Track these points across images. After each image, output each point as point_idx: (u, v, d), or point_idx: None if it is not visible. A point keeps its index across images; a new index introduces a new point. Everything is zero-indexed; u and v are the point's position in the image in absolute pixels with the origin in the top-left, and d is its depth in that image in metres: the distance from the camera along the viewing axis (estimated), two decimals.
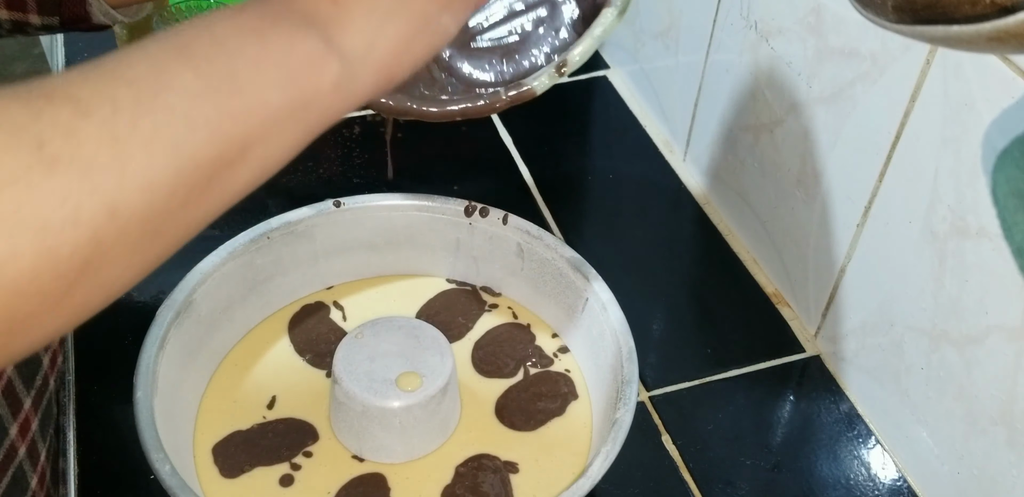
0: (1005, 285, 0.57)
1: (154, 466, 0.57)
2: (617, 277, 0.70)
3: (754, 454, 0.72)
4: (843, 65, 0.67)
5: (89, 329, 0.81)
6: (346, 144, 0.94)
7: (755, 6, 0.75)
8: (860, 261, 0.71)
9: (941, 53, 0.58)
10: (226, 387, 0.70)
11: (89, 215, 0.31)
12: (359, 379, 0.64)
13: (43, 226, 0.30)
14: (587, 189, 0.93)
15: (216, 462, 0.66)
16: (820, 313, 0.78)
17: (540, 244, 0.72)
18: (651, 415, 0.74)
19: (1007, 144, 0.53)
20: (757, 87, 0.78)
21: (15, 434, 0.61)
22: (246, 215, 0.87)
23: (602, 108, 1.02)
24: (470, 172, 0.94)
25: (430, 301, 0.77)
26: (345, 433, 0.67)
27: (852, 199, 0.70)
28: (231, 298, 0.71)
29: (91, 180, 0.31)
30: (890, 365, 0.69)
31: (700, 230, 0.89)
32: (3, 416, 0.60)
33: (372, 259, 0.77)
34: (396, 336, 0.67)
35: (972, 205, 0.58)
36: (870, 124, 0.66)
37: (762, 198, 0.82)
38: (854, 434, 0.73)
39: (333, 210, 0.72)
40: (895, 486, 0.70)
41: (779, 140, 0.77)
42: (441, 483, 0.65)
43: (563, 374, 0.72)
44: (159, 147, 0.33)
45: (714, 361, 0.78)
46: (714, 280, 0.85)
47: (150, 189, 0.33)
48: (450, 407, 0.67)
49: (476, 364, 0.73)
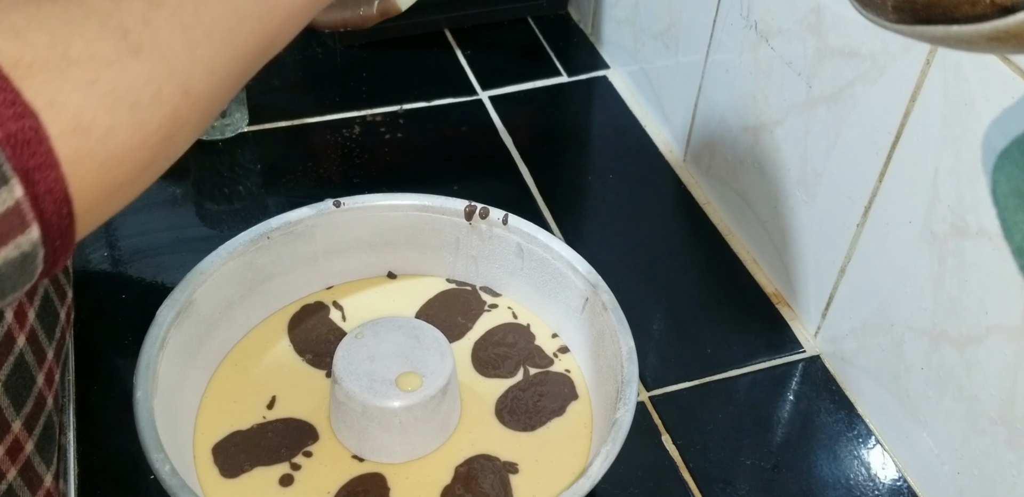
0: (1005, 285, 0.57)
1: (154, 466, 0.57)
2: (617, 277, 0.70)
3: (754, 454, 0.72)
4: (843, 65, 0.67)
5: (89, 329, 0.81)
6: (346, 144, 0.94)
7: (755, 6, 0.75)
8: (860, 261, 0.71)
9: (941, 53, 0.58)
10: (226, 387, 0.70)
11: (168, 94, 0.36)
12: (359, 379, 0.64)
13: (135, 103, 0.35)
14: (587, 189, 0.93)
15: (216, 462, 0.66)
16: (820, 313, 0.78)
17: (540, 244, 0.72)
18: (651, 415, 0.74)
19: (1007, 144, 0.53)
20: (757, 87, 0.78)
21: (42, 383, 0.62)
22: (246, 215, 0.88)
23: (602, 108, 1.02)
24: (470, 172, 0.94)
25: (430, 301, 0.77)
26: (345, 433, 0.67)
27: (852, 199, 0.70)
28: (231, 298, 0.71)
29: (168, 64, 0.36)
30: (890, 365, 0.69)
31: (700, 230, 0.89)
32: (30, 363, 0.61)
33: (372, 259, 0.77)
34: (396, 336, 0.67)
35: (972, 205, 0.58)
36: (870, 124, 0.66)
37: (762, 198, 0.82)
38: (854, 434, 0.73)
39: (333, 210, 0.72)
40: (895, 486, 0.70)
41: (779, 140, 0.77)
42: (441, 483, 0.65)
43: (563, 374, 0.72)
44: (217, 36, 0.38)
45: (714, 361, 0.78)
46: (714, 280, 0.85)
47: (213, 72, 0.38)
48: (450, 407, 0.67)
49: (476, 364, 0.73)
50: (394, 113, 0.98)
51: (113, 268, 0.82)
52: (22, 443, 0.59)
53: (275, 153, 0.93)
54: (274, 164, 0.92)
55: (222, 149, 0.93)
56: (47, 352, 0.64)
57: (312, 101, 0.99)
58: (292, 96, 1.00)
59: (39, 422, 0.61)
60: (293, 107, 0.98)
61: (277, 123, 0.96)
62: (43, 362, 0.63)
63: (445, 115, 0.99)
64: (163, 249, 0.83)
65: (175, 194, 0.89)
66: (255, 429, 0.68)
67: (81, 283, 0.80)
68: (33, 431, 0.61)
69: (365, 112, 0.98)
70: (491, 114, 0.99)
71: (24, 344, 0.61)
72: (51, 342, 0.65)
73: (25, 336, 0.61)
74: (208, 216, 0.87)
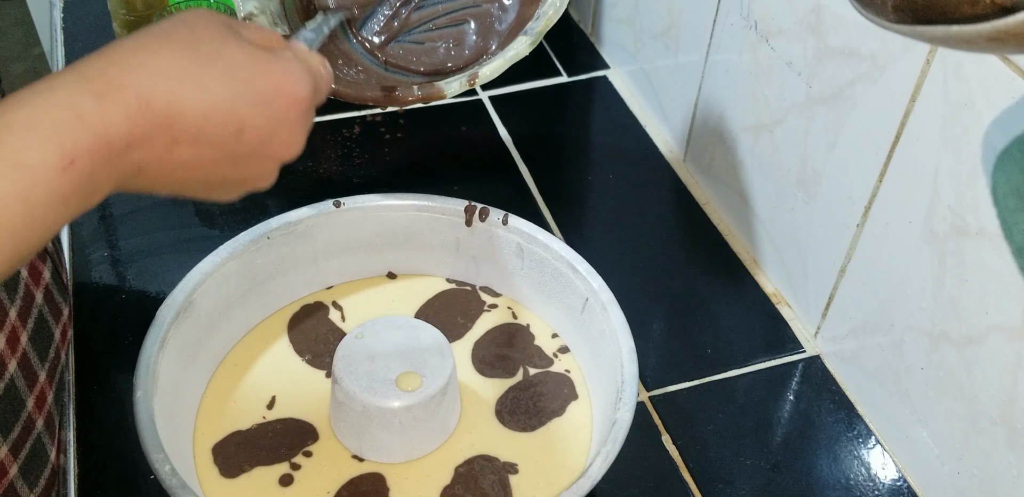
0: (1005, 285, 0.57)
1: (154, 466, 0.57)
2: (617, 277, 0.70)
3: (754, 454, 0.72)
4: (843, 65, 0.67)
5: (89, 329, 0.81)
6: (346, 144, 0.94)
7: (755, 6, 0.75)
8: (860, 261, 0.71)
9: (941, 53, 0.58)
10: (226, 387, 0.70)
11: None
12: (359, 379, 0.64)
13: None
14: (587, 189, 0.93)
15: (216, 462, 0.66)
16: (820, 313, 0.78)
17: (540, 244, 0.72)
18: (651, 415, 0.74)
19: (1007, 144, 0.53)
20: (757, 87, 0.78)
21: (32, 406, 0.62)
22: (246, 215, 0.88)
23: (602, 108, 1.02)
24: (470, 172, 0.94)
25: (430, 301, 0.77)
26: (345, 433, 0.67)
27: (852, 199, 0.70)
28: (231, 298, 0.71)
29: None
30: (890, 365, 0.69)
31: (700, 230, 0.89)
32: (20, 388, 0.60)
33: (372, 259, 0.77)
34: (396, 336, 0.67)
35: (972, 205, 0.58)
36: (870, 124, 0.66)
37: (762, 198, 0.82)
38: (854, 434, 0.73)
39: (333, 210, 0.72)
40: (895, 486, 0.70)
41: (779, 140, 0.77)
42: (440, 483, 0.65)
43: (563, 374, 0.72)
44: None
45: (714, 361, 0.78)
46: (714, 280, 0.85)
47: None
48: (450, 407, 0.67)
49: (476, 364, 0.73)
50: (394, 113, 0.98)
51: (113, 268, 0.82)
52: (7, 468, 0.60)
53: None
54: None
55: None
56: (39, 375, 0.64)
57: None
58: None
59: (25, 446, 0.61)
60: None
61: None
62: (34, 385, 0.63)
63: (445, 115, 0.99)
64: (163, 249, 0.83)
65: None
66: (255, 429, 0.68)
67: (81, 283, 0.80)
68: (19, 455, 0.61)
69: (365, 112, 0.98)
70: (491, 114, 0.99)
71: (15, 369, 0.61)
72: (44, 364, 0.65)
73: (17, 361, 0.61)
74: (208, 216, 0.87)
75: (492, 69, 0.65)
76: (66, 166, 0.39)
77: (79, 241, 0.84)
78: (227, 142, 0.45)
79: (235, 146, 0.46)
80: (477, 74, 0.64)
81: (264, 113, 0.46)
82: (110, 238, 0.85)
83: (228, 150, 0.45)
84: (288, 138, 0.48)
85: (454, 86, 0.64)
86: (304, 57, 0.50)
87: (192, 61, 0.44)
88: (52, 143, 0.38)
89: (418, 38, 0.71)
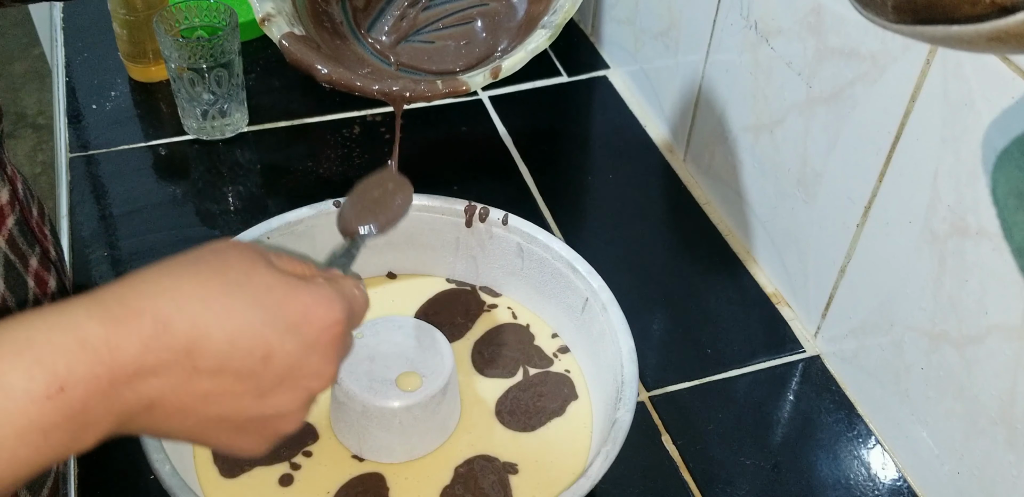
0: (1005, 285, 0.57)
1: (154, 466, 0.57)
2: (617, 277, 0.70)
3: (754, 454, 0.72)
4: (843, 65, 0.67)
5: None
6: (346, 144, 0.94)
7: (755, 6, 0.75)
8: (860, 261, 0.71)
9: (941, 53, 0.58)
10: None
11: None
12: (359, 379, 0.64)
13: None
14: (587, 189, 0.93)
15: (216, 462, 0.66)
16: (820, 313, 0.78)
17: (540, 244, 0.72)
18: (651, 415, 0.74)
19: (1007, 144, 0.53)
20: (757, 87, 0.78)
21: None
22: (246, 215, 0.88)
23: (602, 108, 1.02)
24: (470, 172, 0.94)
25: (430, 301, 0.77)
26: (345, 433, 0.67)
27: (852, 199, 0.70)
28: None
29: None
30: (890, 365, 0.69)
31: (700, 230, 0.89)
32: None
33: (372, 259, 0.77)
34: (396, 336, 0.67)
35: (972, 205, 0.58)
36: (870, 124, 0.66)
37: (762, 198, 0.82)
38: (854, 434, 0.73)
39: (333, 210, 0.72)
40: (895, 486, 0.70)
41: (779, 140, 0.77)
42: (440, 483, 0.65)
43: (563, 374, 0.72)
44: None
45: (714, 361, 0.78)
46: (714, 280, 0.85)
47: None
48: (450, 407, 0.67)
49: (476, 364, 0.73)
50: (394, 113, 0.98)
51: (113, 268, 0.82)
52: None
53: (275, 153, 0.93)
54: (274, 164, 0.92)
55: (222, 149, 0.93)
56: None
57: (312, 101, 0.99)
58: (292, 96, 1.00)
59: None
60: (293, 107, 0.98)
61: (277, 123, 0.96)
62: None
63: (445, 115, 0.99)
64: (163, 249, 0.83)
65: (175, 194, 0.89)
66: None
67: (81, 283, 0.80)
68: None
69: (365, 112, 0.98)
70: (491, 114, 0.99)
71: None
72: None
73: None
74: (208, 216, 0.87)
75: (514, 62, 0.64)
76: (52, 394, 0.35)
77: (79, 241, 0.84)
78: (253, 371, 0.41)
79: (262, 375, 0.41)
80: (500, 67, 0.64)
81: (294, 338, 0.42)
82: (110, 238, 0.85)
83: (254, 381, 0.41)
84: (320, 365, 0.44)
85: (478, 79, 0.64)
86: (336, 281, 0.47)
87: (218, 286, 0.41)
88: (41, 366, 0.35)
89: (428, 37, 0.71)
